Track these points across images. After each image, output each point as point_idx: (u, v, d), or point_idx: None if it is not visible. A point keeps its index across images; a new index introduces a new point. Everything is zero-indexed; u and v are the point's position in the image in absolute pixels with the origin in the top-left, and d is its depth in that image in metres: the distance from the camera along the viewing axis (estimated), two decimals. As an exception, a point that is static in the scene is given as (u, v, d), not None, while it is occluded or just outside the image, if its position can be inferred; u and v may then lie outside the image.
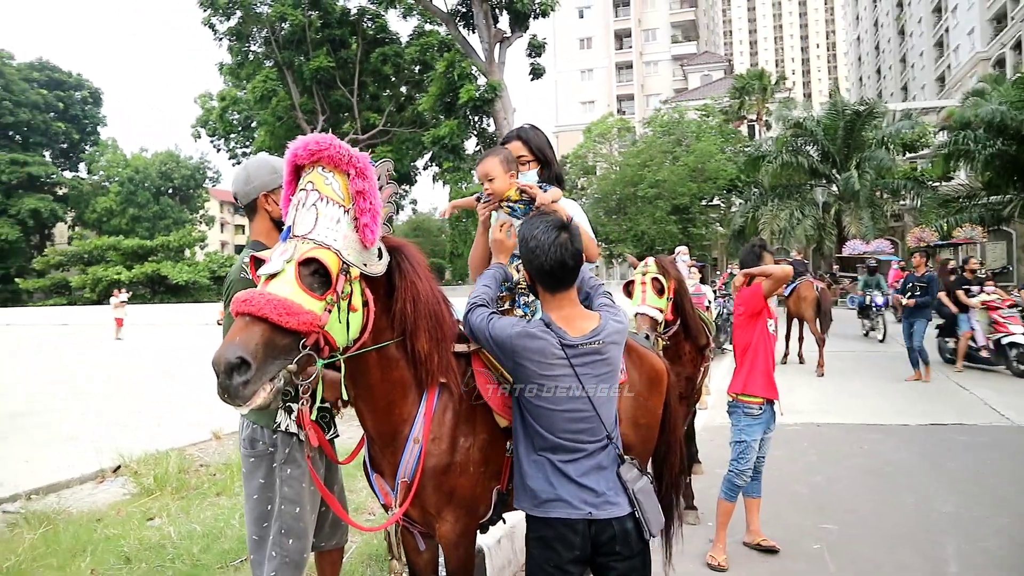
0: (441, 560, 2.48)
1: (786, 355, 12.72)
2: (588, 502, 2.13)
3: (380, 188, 2.04)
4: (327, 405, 2.62)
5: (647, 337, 4.46)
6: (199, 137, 49.71)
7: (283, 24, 38.89)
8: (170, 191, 69.47)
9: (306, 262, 1.84)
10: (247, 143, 49.05)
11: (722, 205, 42.47)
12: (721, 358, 12.15)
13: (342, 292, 1.88)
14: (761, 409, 4.08)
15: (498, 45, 31.63)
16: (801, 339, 12.83)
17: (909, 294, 10.56)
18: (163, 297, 53.53)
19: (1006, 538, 4.51)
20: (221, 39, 41.60)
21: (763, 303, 4.11)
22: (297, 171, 1.98)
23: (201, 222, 71.21)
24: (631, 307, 4.66)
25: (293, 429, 2.52)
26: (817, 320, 11.80)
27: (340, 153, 1.92)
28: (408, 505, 2.22)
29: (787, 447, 6.89)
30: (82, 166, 69.25)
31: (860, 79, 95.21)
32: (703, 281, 10.21)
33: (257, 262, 1.93)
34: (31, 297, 58.25)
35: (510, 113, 33.19)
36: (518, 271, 2.57)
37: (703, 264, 17.30)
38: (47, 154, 65.39)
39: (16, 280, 58.16)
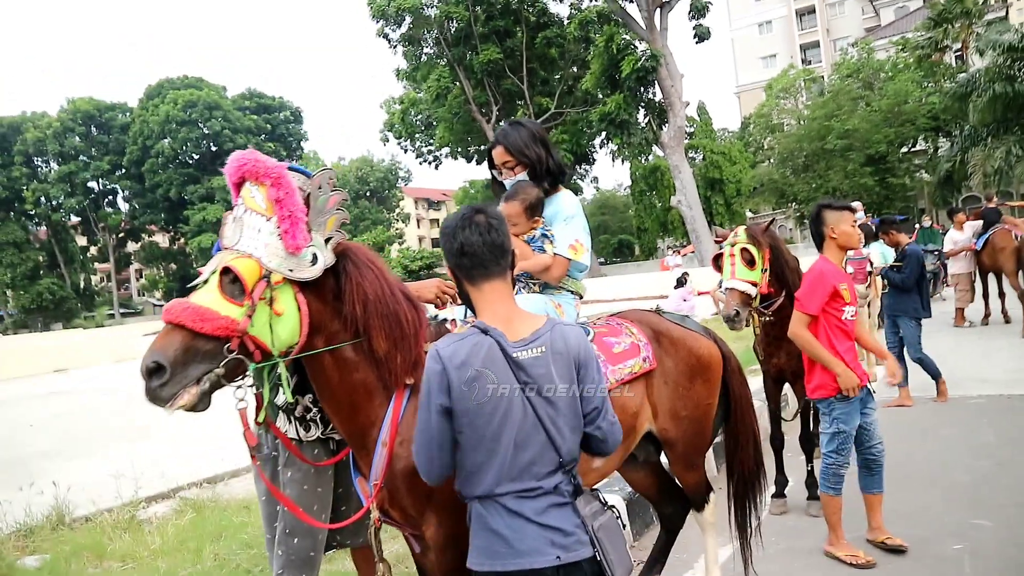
0: None
1: (986, 316, 11.15)
2: (556, 543, 1.79)
3: (311, 196, 2.08)
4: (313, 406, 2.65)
5: (737, 314, 4.12)
6: (387, 140, 53.17)
7: (450, 23, 40.37)
8: (367, 194, 74.83)
9: (225, 271, 1.95)
10: (430, 140, 51.72)
11: (928, 149, 38.18)
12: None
13: (262, 297, 1.95)
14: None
15: (658, 11, 30.61)
16: (1002, 295, 11.13)
17: None
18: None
19: None
20: (395, 46, 43.92)
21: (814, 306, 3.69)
22: (238, 188, 2.08)
23: (398, 220, 75.96)
24: (723, 282, 4.33)
25: (293, 434, 2.60)
26: (1019, 273, 10.19)
27: (257, 166, 2.01)
28: (375, 502, 2.19)
29: (961, 426, 6.08)
30: (291, 180, 76.75)
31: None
32: (873, 237, 8.83)
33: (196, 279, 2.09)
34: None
35: (677, 80, 32.03)
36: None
37: (894, 219, 15.46)
38: (262, 172, 73.14)
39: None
